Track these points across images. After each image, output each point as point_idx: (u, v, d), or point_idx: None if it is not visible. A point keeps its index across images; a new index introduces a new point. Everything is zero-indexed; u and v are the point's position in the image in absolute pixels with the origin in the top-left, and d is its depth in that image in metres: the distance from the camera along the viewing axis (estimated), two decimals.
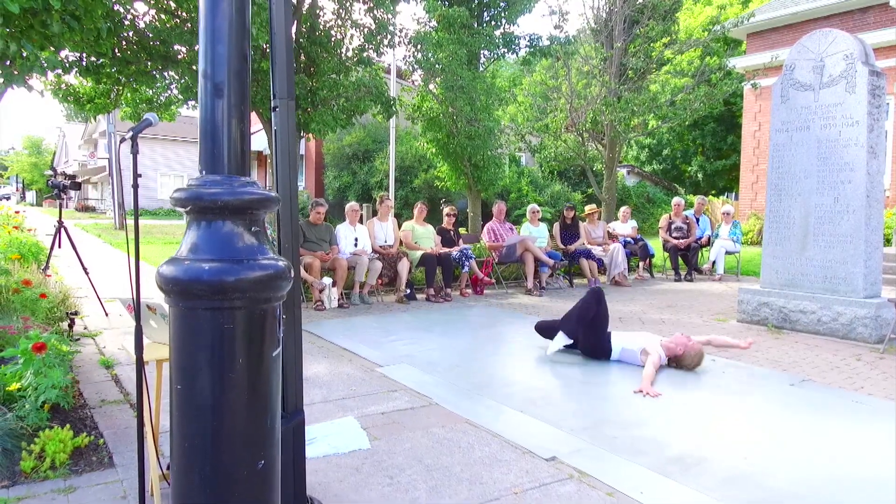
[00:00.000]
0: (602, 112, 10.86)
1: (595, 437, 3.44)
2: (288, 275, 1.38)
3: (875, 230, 5.77)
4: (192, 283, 1.26)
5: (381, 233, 8.13)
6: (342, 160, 20.82)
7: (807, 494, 2.80)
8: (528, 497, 2.74)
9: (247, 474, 1.31)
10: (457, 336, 6.06)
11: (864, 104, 5.66)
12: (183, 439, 1.30)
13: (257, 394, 1.32)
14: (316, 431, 3.46)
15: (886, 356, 5.21)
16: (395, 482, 2.88)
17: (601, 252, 9.68)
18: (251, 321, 1.30)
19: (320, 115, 7.57)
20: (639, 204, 22.84)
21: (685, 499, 2.73)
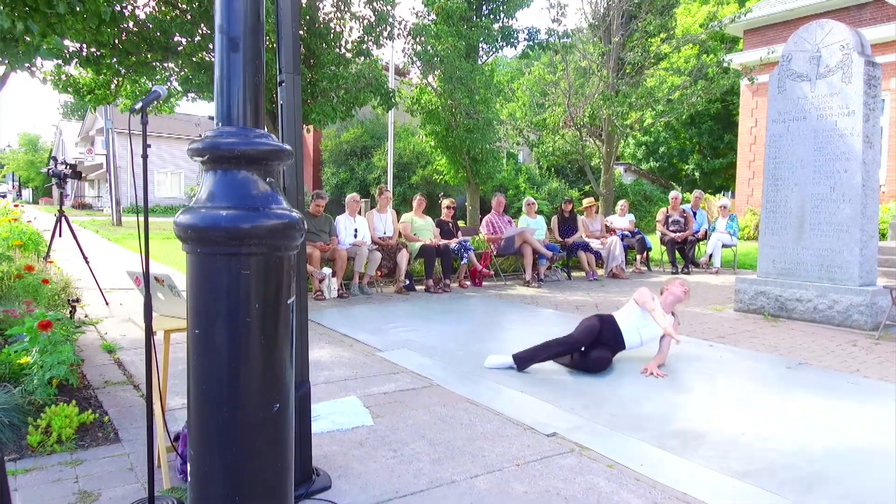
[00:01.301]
0: (600, 107, 10.91)
1: (595, 415, 3.48)
2: (301, 226, 1.42)
3: (871, 219, 5.83)
4: (210, 229, 1.30)
5: (381, 224, 8.16)
6: (340, 156, 20.84)
7: (802, 464, 2.85)
8: (531, 469, 2.78)
9: (262, 417, 1.34)
10: (456, 323, 6.11)
11: (860, 94, 5.72)
12: (200, 383, 1.33)
13: (272, 339, 1.35)
14: (319, 410, 3.50)
15: (882, 342, 5.27)
16: (399, 455, 2.92)
17: (599, 245, 9.73)
18: (267, 268, 1.34)
19: (320, 107, 7.60)
20: (636, 202, 22.91)
21: (684, 469, 2.78)
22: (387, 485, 2.61)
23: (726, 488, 2.60)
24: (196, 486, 1.36)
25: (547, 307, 7.00)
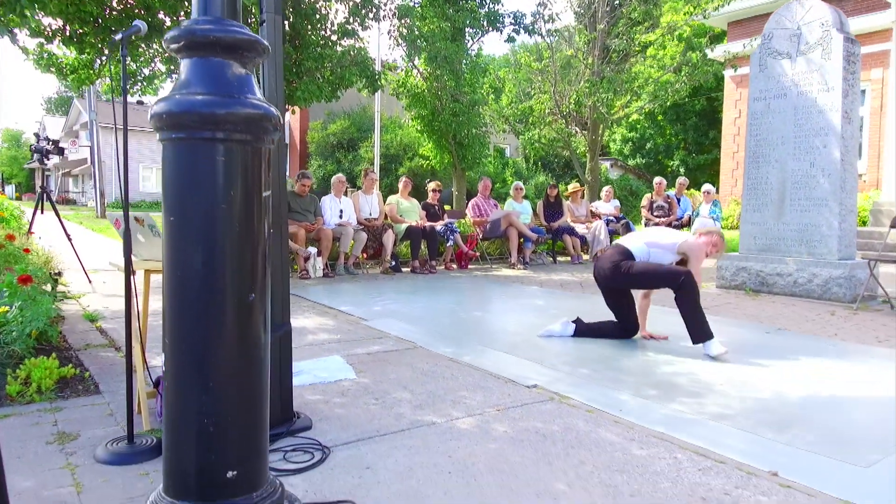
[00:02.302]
0: (586, 94, 10.96)
1: (576, 370, 3.51)
2: (277, 122, 1.43)
3: (850, 193, 5.91)
4: (184, 114, 1.31)
5: (366, 205, 8.16)
6: (327, 149, 20.80)
7: (778, 408, 2.90)
8: (511, 413, 2.81)
9: (237, 304, 1.35)
10: (442, 298, 6.13)
11: (839, 70, 5.80)
12: (174, 269, 1.34)
13: (247, 228, 1.36)
14: (302, 366, 3.50)
15: (860, 312, 5.35)
16: (381, 402, 2.94)
17: (584, 230, 9.79)
18: (242, 156, 1.35)
19: (305, 86, 7.59)
20: (622, 197, 23.07)
21: (661, 413, 2.82)
22: (368, 426, 2.63)
23: (702, 428, 2.64)
24: (170, 379, 1.37)
25: (532, 285, 7.04)
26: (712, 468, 2.25)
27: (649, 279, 4.14)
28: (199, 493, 1.35)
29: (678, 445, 2.45)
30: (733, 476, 2.19)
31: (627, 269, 4.07)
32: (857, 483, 2.14)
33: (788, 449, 2.43)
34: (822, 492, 2.07)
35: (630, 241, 4.33)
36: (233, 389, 1.36)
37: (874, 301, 5.79)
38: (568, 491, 2.06)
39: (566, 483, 2.12)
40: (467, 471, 2.20)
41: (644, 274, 4.08)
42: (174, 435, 1.37)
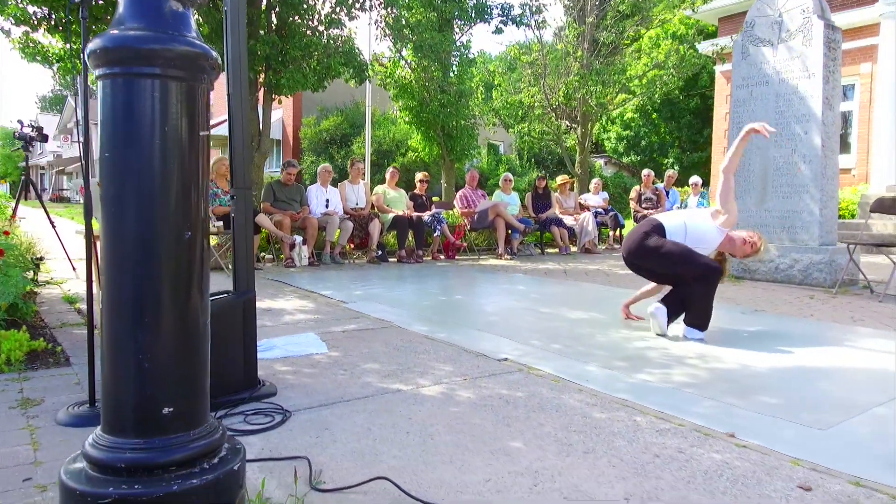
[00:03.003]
0: (575, 87, 10.98)
1: (549, 346, 3.52)
2: (215, 62, 1.43)
3: (831, 179, 5.94)
4: (118, 49, 1.31)
5: (353, 195, 8.17)
6: (319, 145, 20.76)
7: (743, 378, 2.91)
8: (477, 382, 2.82)
9: (174, 241, 1.36)
10: (425, 284, 6.13)
11: (819, 57, 5.83)
12: (110, 205, 1.35)
13: (183, 166, 1.37)
14: (275, 342, 3.51)
15: (839, 296, 5.38)
16: (350, 373, 2.94)
17: (572, 221, 9.81)
18: (178, 93, 1.35)
19: (290, 74, 7.59)
20: (616, 193, 23.13)
21: (627, 383, 2.83)
22: (333, 393, 2.64)
23: (666, 396, 2.65)
24: (106, 315, 1.38)
25: (517, 273, 7.06)
26: (670, 430, 2.26)
27: (674, 263, 3.73)
28: (135, 430, 1.36)
29: (640, 410, 2.47)
30: (690, 437, 2.20)
31: (657, 246, 3.73)
32: (812, 444, 2.16)
33: (749, 414, 2.44)
34: (775, 451, 2.09)
35: (667, 217, 3.97)
36: (168, 326, 1.37)
37: (855, 286, 5.81)
38: (523, 448, 2.07)
39: (522, 441, 2.13)
40: (425, 431, 2.21)
41: (672, 255, 3.71)
42: (111, 371, 1.38)
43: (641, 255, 3.87)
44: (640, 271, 4.07)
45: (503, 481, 1.83)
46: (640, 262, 3.95)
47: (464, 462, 1.96)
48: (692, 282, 3.71)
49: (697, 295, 3.70)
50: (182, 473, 1.35)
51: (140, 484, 1.31)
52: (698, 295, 3.70)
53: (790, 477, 1.89)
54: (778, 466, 1.96)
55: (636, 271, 4.09)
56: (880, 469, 1.95)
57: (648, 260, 3.87)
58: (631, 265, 4.05)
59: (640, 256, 3.89)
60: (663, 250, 3.75)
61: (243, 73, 2.44)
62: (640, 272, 4.08)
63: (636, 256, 3.92)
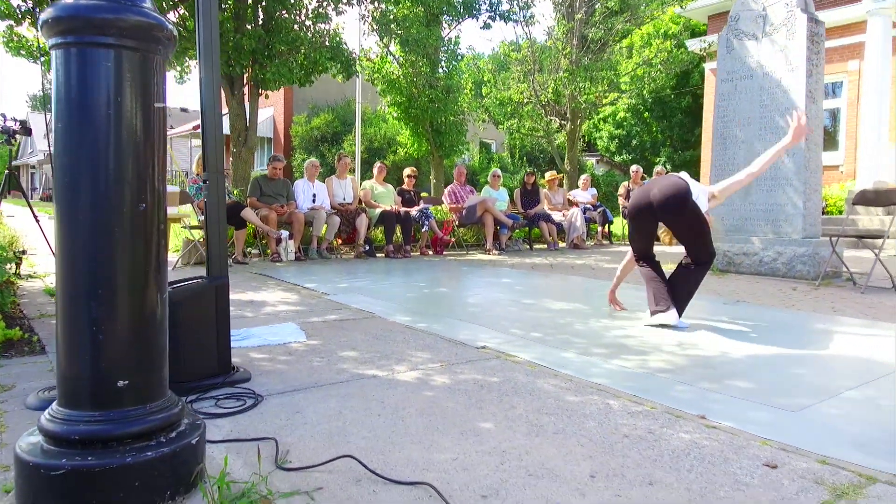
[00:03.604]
0: (564, 84, 11.00)
1: (528, 335, 3.53)
2: (170, 34, 1.43)
3: (814, 172, 5.97)
4: (71, 18, 1.30)
5: (340, 190, 8.15)
6: (310, 142, 20.74)
7: (720, 365, 2.92)
8: (454, 368, 2.82)
9: (129, 213, 1.35)
10: (411, 278, 6.13)
11: (803, 50, 5.85)
12: (63, 176, 1.34)
13: (136, 137, 1.36)
14: (253, 331, 3.50)
15: (821, 288, 5.40)
16: (326, 360, 2.94)
17: (561, 217, 9.82)
18: (132, 64, 1.35)
19: (276, 68, 7.57)
20: (607, 191, 23.20)
21: (605, 368, 2.83)
22: (307, 379, 2.63)
23: (641, 381, 2.65)
24: (60, 287, 1.37)
25: (503, 267, 7.06)
26: (642, 412, 2.27)
27: (702, 234, 3.61)
28: (90, 402, 1.35)
29: (613, 394, 2.47)
30: (661, 419, 2.20)
31: (697, 210, 3.49)
32: (782, 425, 2.16)
33: (722, 397, 2.45)
34: (745, 431, 2.09)
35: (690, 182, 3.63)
36: (123, 298, 1.36)
37: (838, 278, 5.84)
38: (493, 429, 2.07)
39: (493, 423, 2.13)
40: (397, 414, 2.21)
41: (704, 226, 3.58)
42: (65, 344, 1.37)
43: (679, 210, 3.51)
44: (647, 228, 3.81)
45: (470, 460, 1.83)
46: (672, 217, 3.60)
47: (432, 442, 1.96)
48: (697, 264, 3.70)
49: (693, 280, 3.73)
50: (137, 446, 1.35)
51: (94, 456, 1.30)
52: (693, 280, 3.73)
53: (757, 456, 1.89)
54: (746, 446, 1.97)
55: (641, 229, 3.81)
56: (847, 449, 1.96)
57: (683, 217, 3.56)
58: (647, 219, 3.70)
59: (677, 212, 3.54)
60: (702, 217, 3.56)
61: (215, 56, 2.43)
62: (644, 230, 3.82)
63: (671, 210, 3.52)
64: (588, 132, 32.12)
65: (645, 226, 3.87)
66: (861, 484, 1.72)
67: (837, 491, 1.68)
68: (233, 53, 7.58)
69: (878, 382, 2.66)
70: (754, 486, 1.69)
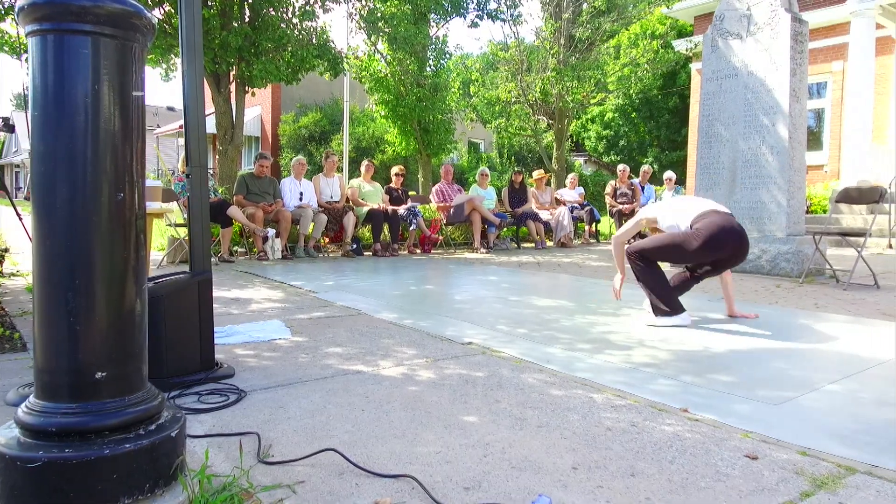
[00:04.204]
0: (551, 83, 11.03)
1: (514, 331, 3.53)
2: (148, 22, 1.41)
3: (798, 171, 6.02)
4: (48, 4, 1.29)
5: (327, 188, 8.13)
6: (298, 141, 20.66)
7: (703, 359, 2.94)
8: (439, 363, 2.82)
9: (106, 202, 1.34)
10: (398, 276, 6.12)
11: (786, 49, 5.90)
12: (39, 164, 1.32)
13: (113, 126, 1.35)
14: (239, 328, 3.48)
15: (805, 285, 5.45)
16: (311, 356, 2.93)
17: (548, 216, 9.85)
18: (108, 52, 1.33)
19: (262, 65, 7.53)
20: (595, 191, 23.30)
21: (590, 363, 2.84)
22: (291, 374, 2.62)
23: (624, 374, 2.67)
24: (37, 277, 1.35)
25: (490, 265, 7.07)
26: (625, 406, 2.28)
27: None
28: (68, 394, 1.34)
29: (597, 388, 2.48)
30: (644, 412, 2.22)
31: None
32: (764, 418, 2.18)
33: (705, 391, 2.47)
34: (727, 424, 2.11)
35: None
36: (101, 289, 1.34)
37: (821, 276, 5.90)
38: (477, 422, 2.07)
39: (477, 417, 2.13)
40: (381, 408, 2.20)
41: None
42: (43, 336, 1.35)
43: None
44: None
45: (453, 453, 1.83)
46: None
47: (416, 436, 1.96)
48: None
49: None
50: (115, 438, 1.33)
51: (71, 448, 1.29)
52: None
53: (738, 447, 1.91)
54: (728, 438, 1.98)
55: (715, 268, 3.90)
56: (828, 440, 1.98)
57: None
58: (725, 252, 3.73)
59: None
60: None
61: (198, 50, 2.41)
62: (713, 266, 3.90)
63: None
64: (576, 132, 32.28)
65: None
66: (840, 474, 1.74)
67: (817, 481, 1.69)
68: (219, 51, 7.54)
69: (859, 376, 2.68)
70: (735, 477, 1.70)
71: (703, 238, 3.55)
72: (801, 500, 1.59)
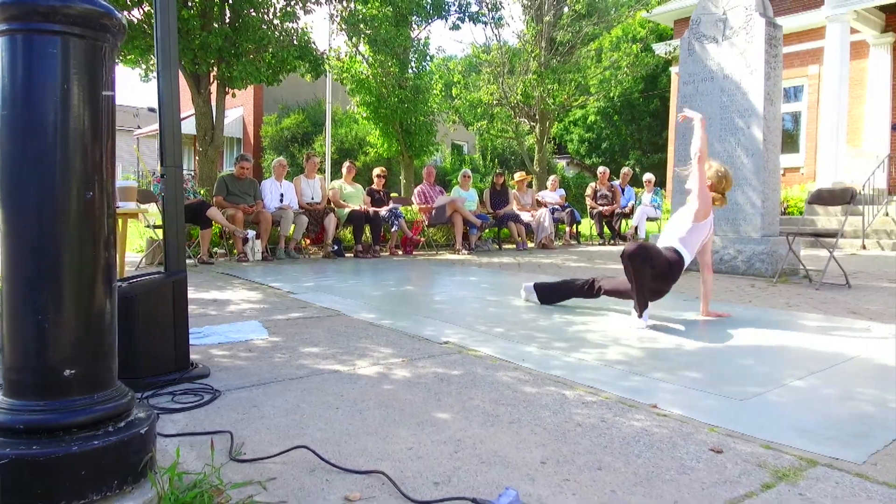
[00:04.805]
0: (533, 85, 11.11)
1: (492, 331, 3.56)
2: (119, 23, 1.42)
3: (772, 172, 6.13)
4: (17, 4, 1.29)
5: (308, 190, 8.12)
6: (281, 143, 20.58)
7: (675, 357, 2.99)
8: (415, 363, 2.84)
9: (74, 201, 1.35)
10: (378, 277, 6.13)
11: (761, 53, 6.01)
12: (8, 161, 1.33)
13: (83, 125, 1.36)
14: (215, 329, 3.48)
15: (778, 284, 5.55)
16: (287, 356, 2.94)
17: (529, 217, 9.91)
18: (77, 52, 1.34)
19: (243, 66, 7.51)
20: (577, 193, 23.46)
21: (564, 361, 2.88)
22: (267, 374, 2.63)
23: (597, 372, 2.71)
24: (6, 275, 1.36)
25: (472, 266, 7.11)
26: (596, 402, 2.31)
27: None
28: (36, 392, 1.34)
29: (569, 385, 2.52)
30: (614, 408, 2.26)
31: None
32: (731, 413, 2.23)
33: (674, 387, 2.51)
34: (694, 419, 2.15)
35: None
36: (70, 287, 1.35)
37: (795, 276, 6.01)
38: (449, 419, 2.10)
39: (450, 414, 2.16)
40: (355, 407, 2.22)
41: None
42: (10, 333, 1.35)
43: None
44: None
45: (425, 449, 1.85)
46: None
47: (389, 433, 1.98)
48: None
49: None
50: (84, 435, 1.34)
51: (39, 445, 1.30)
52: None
53: (704, 441, 1.95)
54: (694, 432, 2.03)
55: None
56: (792, 434, 2.03)
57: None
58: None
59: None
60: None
61: (173, 50, 2.42)
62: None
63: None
64: (559, 135, 32.47)
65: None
66: (802, 467, 1.79)
67: (779, 473, 1.74)
68: (199, 51, 7.50)
69: (825, 373, 2.75)
70: (699, 470, 1.74)
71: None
72: (763, 492, 1.63)
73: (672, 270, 3.81)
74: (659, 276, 3.76)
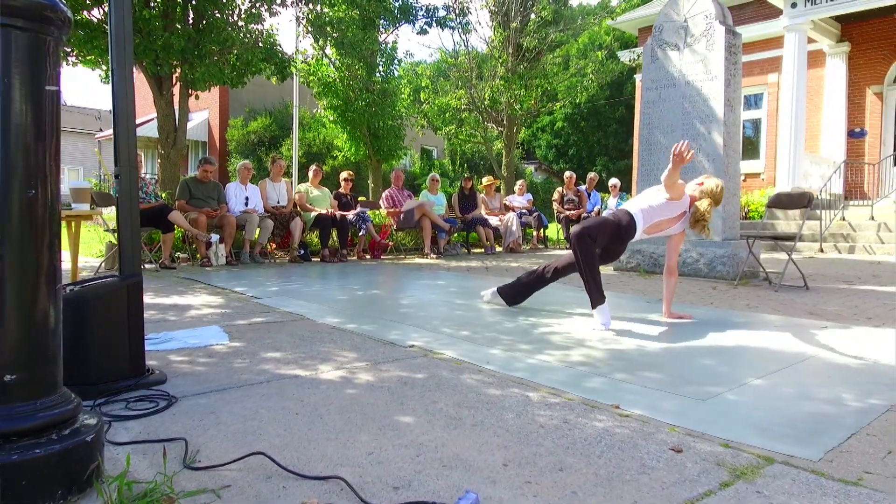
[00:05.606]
0: (500, 90, 11.17)
1: (457, 333, 3.55)
2: (64, 16, 1.38)
3: (733, 177, 6.25)
4: None
5: (274, 193, 8.02)
6: (247, 147, 20.32)
7: (637, 358, 3.02)
8: (379, 366, 2.81)
9: (15, 199, 1.29)
10: (346, 281, 6.08)
11: (721, 60, 6.13)
12: None
13: (26, 120, 1.31)
14: (174, 335, 3.40)
15: (739, 287, 5.66)
16: (248, 361, 2.88)
17: (497, 221, 9.95)
18: (19, 44, 1.29)
19: (206, 68, 7.39)
20: (546, 198, 23.66)
21: (528, 363, 2.88)
22: (226, 380, 2.57)
23: (560, 373, 2.71)
24: None
25: (440, 270, 7.09)
26: (559, 404, 2.31)
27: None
28: None
29: (533, 387, 2.52)
30: (577, 409, 2.26)
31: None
32: (691, 412, 2.25)
33: (637, 388, 2.53)
34: (655, 419, 2.17)
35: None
36: (10, 289, 1.30)
37: (756, 278, 6.13)
38: (412, 423, 2.08)
39: (413, 417, 2.13)
40: (316, 412, 2.18)
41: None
42: None
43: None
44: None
45: (386, 453, 1.83)
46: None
47: (349, 438, 1.95)
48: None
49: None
50: (25, 443, 1.29)
51: None
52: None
53: (665, 441, 1.96)
54: (655, 432, 2.04)
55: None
56: (750, 433, 2.05)
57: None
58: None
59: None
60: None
61: (128, 47, 2.36)
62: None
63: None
64: (527, 141, 32.74)
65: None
66: (759, 465, 1.81)
67: (737, 471, 1.76)
68: (161, 52, 7.36)
69: (783, 372, 2.80)
70: (659, 469, 1.75)
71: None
72: (721, 490, 1.64)
73: (621, 230, 3.85)
74: (612, 238, 3.87)
